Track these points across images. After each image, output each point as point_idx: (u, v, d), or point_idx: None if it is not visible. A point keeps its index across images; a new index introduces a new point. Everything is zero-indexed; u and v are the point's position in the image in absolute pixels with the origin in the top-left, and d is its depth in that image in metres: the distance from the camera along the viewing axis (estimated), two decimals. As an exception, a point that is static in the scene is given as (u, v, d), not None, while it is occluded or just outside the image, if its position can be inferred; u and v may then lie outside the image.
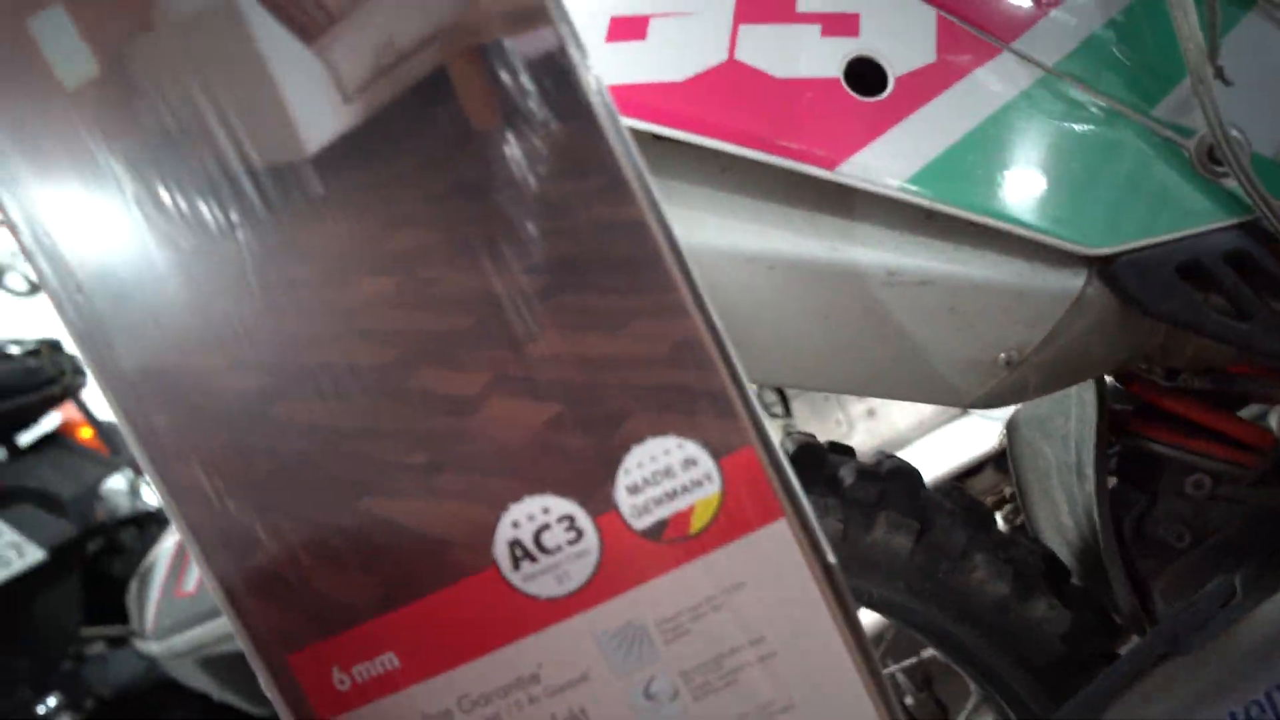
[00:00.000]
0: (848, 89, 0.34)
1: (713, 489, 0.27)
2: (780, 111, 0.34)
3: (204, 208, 0.27)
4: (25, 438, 1.32)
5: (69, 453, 1.30)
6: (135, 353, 0.28)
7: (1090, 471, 0.46)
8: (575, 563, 0.27)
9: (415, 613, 0.28)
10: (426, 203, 0.26)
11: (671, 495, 0.27)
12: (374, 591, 0.28)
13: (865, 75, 0.35)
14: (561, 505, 0.27)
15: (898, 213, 0.34)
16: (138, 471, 1.45)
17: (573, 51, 0.26)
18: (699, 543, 0.27)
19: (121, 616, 1.33)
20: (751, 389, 0.27)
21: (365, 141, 0.26)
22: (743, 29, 0.35)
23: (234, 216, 0.27)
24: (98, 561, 1.30)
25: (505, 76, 0.26)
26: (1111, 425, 0.46)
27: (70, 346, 1.41)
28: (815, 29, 0.35)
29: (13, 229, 0.27)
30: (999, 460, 0.92)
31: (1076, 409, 0.49)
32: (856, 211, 0.34)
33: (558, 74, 0.26)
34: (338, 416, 0.27)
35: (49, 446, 1.32)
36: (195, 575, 1.00)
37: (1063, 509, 0.51)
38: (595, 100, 0.26)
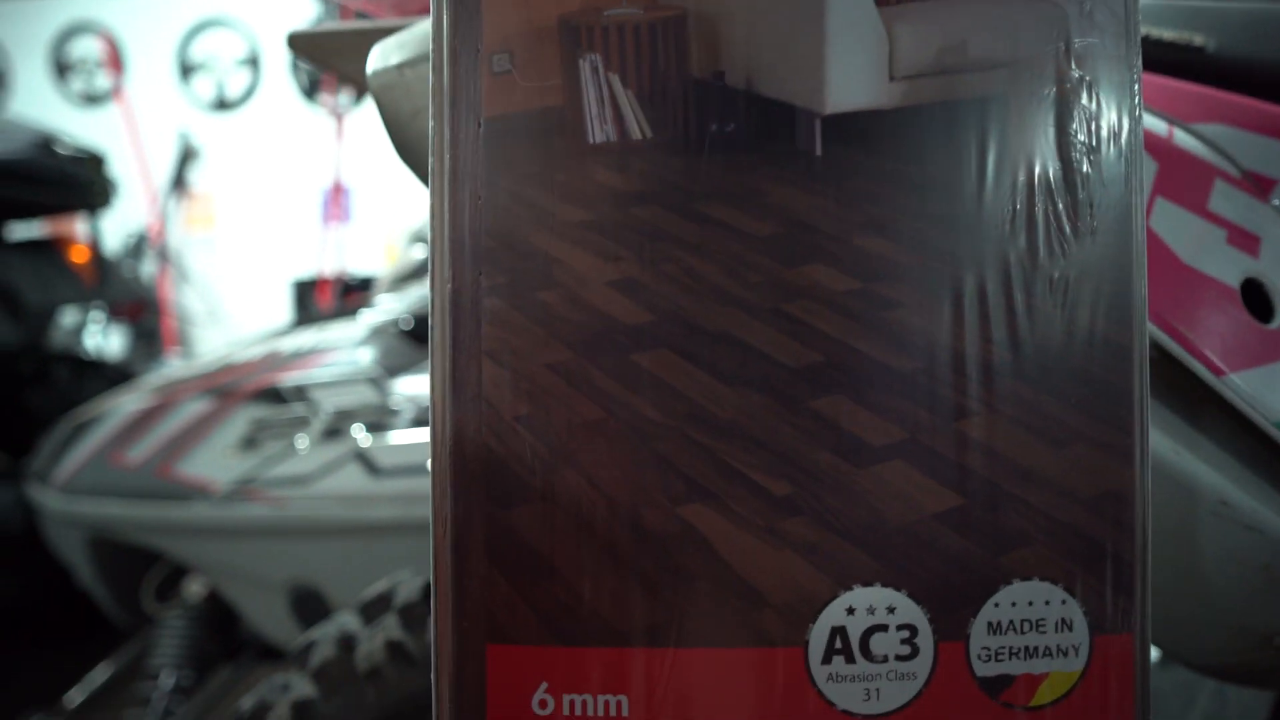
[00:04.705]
0: (1243, 304, 0.32)
1: (1076, 665, 0.23)
2: (1180, 296, 0.32)
3: (678, 106, 0.22)
4: (18, 233, 1.18)
5: (52, 265, 1.17)
6: (501, 224, 0.23)
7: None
8: (894, 683, 0.22)
9: (681, 661, 0.22)
10: (920, 220, 0.23)
11: (1031, 652, 0.23)
12: (643, 616, 0.22)
13: (1252, 298, 0.33)
14: (910, 611, 0.22)
15: (1244, 442, 0.32)
16: (114, 315, 1.30)
17: (1136, 141, 0.23)
18: (1034, 719, 0.23)
19: (9, 449, 1.17)
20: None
21: (886, 128, 0.23)
22: (1159, 201, 0.33)
23: (710, 130, 0.22)
24: (18, 383, 1.14)
25: (1064, 136, 0.23)
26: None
27: (115, 165, 1.30)
28: (1222, 233, 0.34)
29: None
30: None
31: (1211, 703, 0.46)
32: (1204, 422, 0.32)
33: (1114, 159, 0.23)
34: (711, 399, 0.22)
35: (36, 251, 1.18)
36: (145, 450, 0.88)
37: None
38: (1136, 202, 0.23)
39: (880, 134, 0.23)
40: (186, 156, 2.86)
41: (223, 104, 3.33)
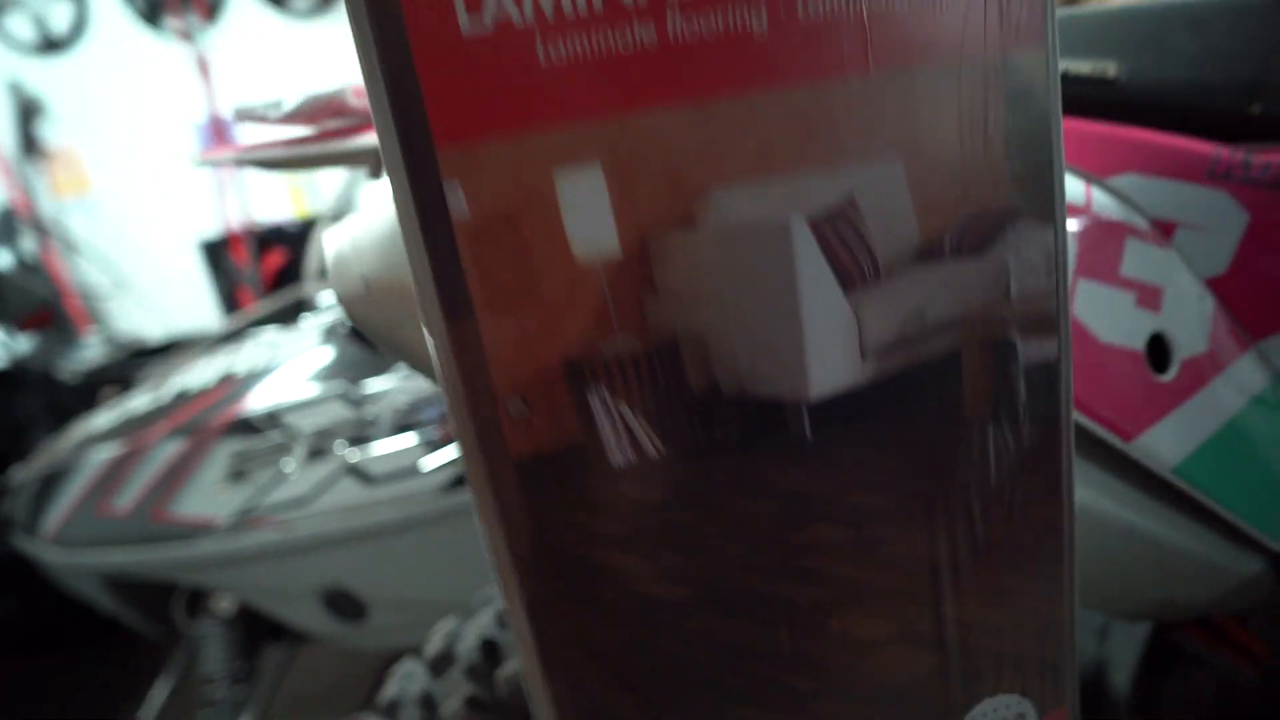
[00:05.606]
0: (1147, 365, 0.38)
1: (1029, 739, 0.31)
2: (1095, 374, 0.37)
3: (683, 421, 0.25)
4: None
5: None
6: (553, 547, 0.26)
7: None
8: (900, 786, 0.30)
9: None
10: (893, 471, 0.27)
11: (995, 742, 0.31)
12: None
13: (1154, 351, 0.39)
14: (908, 739, 0.30)
15: (1153, 482, 0.39)
16: (23, 328, 1.21)
17: (1064, 365, 0.27)
18: (997, 779, 0.31)
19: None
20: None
21: (863, 401, 0.26)
22: (1081, 284, 0.37)
23: (715, 437, 0.26)
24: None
25: (1008, 374, 0.27)
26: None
27: None
28: (1130, 297, 0.38)
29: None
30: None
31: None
32: (1121, 471, 0.39)
33: (1047, 382, 0.27)
34: (748, 637, 0.28)
35: None
36: (132, 496, 0.89)
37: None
38: (1064, 410, 0.28)
39: (860, 407, 0.26)
40: (28, 112, 2.47)
41: (50, 44, 2.79)
